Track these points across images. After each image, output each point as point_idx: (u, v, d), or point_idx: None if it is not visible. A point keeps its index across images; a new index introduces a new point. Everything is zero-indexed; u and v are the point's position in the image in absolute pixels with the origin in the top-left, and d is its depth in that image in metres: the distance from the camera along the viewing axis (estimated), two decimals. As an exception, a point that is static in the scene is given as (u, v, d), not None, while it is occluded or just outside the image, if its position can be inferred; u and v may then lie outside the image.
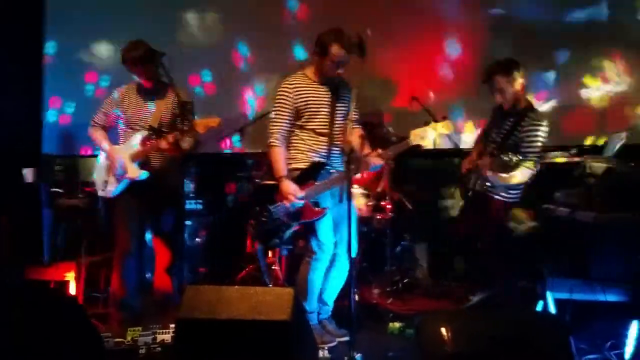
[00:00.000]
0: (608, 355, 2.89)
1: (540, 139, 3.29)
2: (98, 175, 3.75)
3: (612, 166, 2.98)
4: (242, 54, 5.47)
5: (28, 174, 4.45)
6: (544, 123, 3.31)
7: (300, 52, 5.25)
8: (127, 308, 3.68)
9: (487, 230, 3.50)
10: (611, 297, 2.93)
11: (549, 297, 3.06)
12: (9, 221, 4.10)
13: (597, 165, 2.99)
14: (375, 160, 3.18)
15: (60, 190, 4.40)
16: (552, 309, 3.06)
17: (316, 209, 3.21)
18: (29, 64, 5.66)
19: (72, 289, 4.02)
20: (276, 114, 3.30)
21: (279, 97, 3.30)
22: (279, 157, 3.26)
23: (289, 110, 3.28)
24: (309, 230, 3.28)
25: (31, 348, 2.53)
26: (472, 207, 3.54)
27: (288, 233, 3.29)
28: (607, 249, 2.93)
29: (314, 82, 3.31)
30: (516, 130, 3.31)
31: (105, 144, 3.72)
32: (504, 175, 3.27)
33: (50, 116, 5.84)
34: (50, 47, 5.81)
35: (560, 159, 3.81)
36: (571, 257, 3.02)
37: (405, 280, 4.51)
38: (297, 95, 3.27)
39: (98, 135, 3.77)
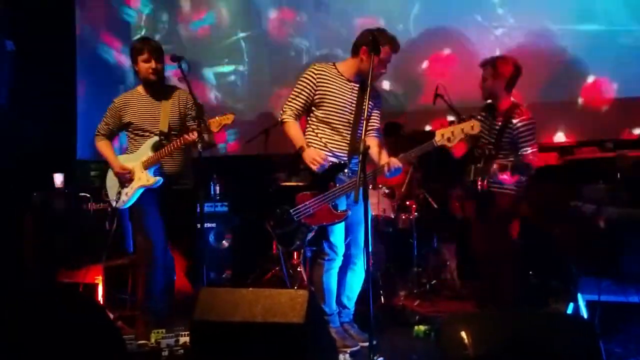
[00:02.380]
0: (644, 360, 2.74)
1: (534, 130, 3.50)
2: (110, 187, 3.71)
3: (643, 160, 2.82)
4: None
5: (57, 178, 4.54)
6: (532, 116, 3.53)
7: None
8: (153, 311, 3.69)
9: (497, 228, 3.54)
10: (646, 299, 2.78)
11: (580, 299, 2.92)
12: (35, 223, 4.19)
13: (626, 159, 2.84)
14: (393, 163, 3.10)
15: (87, 195, 4.47)
16: (584, 311, 2.92)
17: (336, 212, 3.15)
18: (63, 67, 5.78)
19: (100, 292, 4.09)
20: (294, 94, 3.29)
21: (301, 79, 3.29)
22: (296, 129, 3.26)
23: (308, 94, 3.26)
24: (321, 232, 3.23)
25: (53, 349, 2.57)
26: (479, 205, 3.62)
27: (309, 235, 3.23)
28: (637, 246, 2.77)
29: (342, 76, 3.27)
30: (508, 127, 3.49)
31: (112, 157, 3.67)
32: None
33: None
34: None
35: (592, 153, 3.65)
36: (602, 256, 2.88)
37: (432, 282, 4.41)
38: (319, 82, 3.24)
39: (103, 147, 3.73)
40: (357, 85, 3.28)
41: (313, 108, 3.31)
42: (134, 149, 3.67)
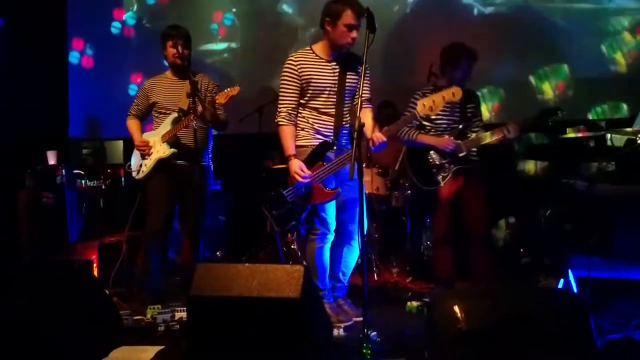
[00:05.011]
0: (633, 334, 2.79)
1: None
2: (135, 161, 3.90)
3: (634, 137, 2.85)
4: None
5: (51, 156, 4.52)
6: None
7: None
8: (150, 286, 3.74)
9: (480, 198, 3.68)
10: (635, 274, 2.82)
11: (570, 275, 2.96)
12: (30, 200, 4.18)
13: (618, 137, 2.87)
14: (377, 137, 3.05)
15: (81, 172, 4.47)
16: (574, 287, 2.97)
17: (327, 190, 3.16)
18: (54, 46, 5.71)
19: (95, 268, 4.11)
20: (282, 92, 3.25)
21: (284, 74, 3.24)
22: (288, 136, 3.23)
23: (295, 87, 3.23)
24: (312, 209, 3.24)
25: (50, 327, 2.59)
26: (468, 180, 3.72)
27: (304, 215, 3.26)
28: (629, 223, 2.81)
29: (321, 58, 3.23)
30: (469, 109, 3.74)
31: (135, 133, 3.89)
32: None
33: (72, 58, 5.89)
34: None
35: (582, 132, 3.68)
36: (594, 233, 2.91)
37: (425, 259, 4.46)
38: (301, 70, 3.21)
39: (132, 126, 3.94)
40: (336, 63, 3.24)
41: None
42: (157, 126, 3.85)
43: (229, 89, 3.54)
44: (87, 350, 2.66)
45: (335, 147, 3.23)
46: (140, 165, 3.80)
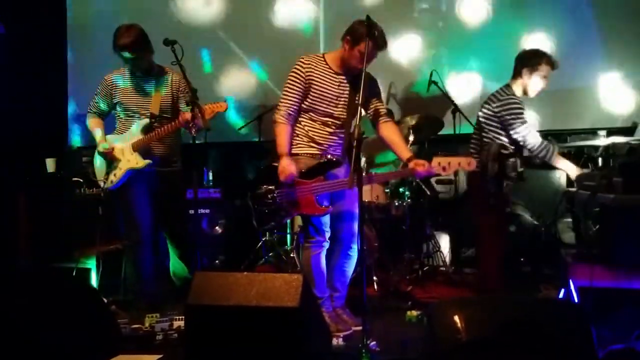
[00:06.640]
0: (634, 345, 2.76)
1: None
2: (98, 167, 3.66)
3: (636, 146, 2.84)
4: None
5: (50, 163, 4.50)
6: None
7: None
8: (146, 295, 3.70)
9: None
10: (637, 284, 2.80)
11: (571, 284, 2.94)
12: (28, 205, 4.16)
13: (620, 146, 2.86)
14: (422, 166, 2.97)
15: (80, 180, 4.45)
16: (575, 296, 2.95)
17: (319, 206, 3.13)
18: (53, 56, 5.74)
19: (93, 277, 4.08)
20: (285, 91, 3.21)
21: (291, 73, 3.21)
22: (283, 134, 3.16)
23: (299, 88, 3.18)
24: (306, 217, 3.23)
25: (48, 334, 2.57)
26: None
27: (286, 219, 3.23)
28: (631, 233, 2.79)
29: (330, 68, 3.21)
30: None
31: (98, 135, 3.63)
32: None
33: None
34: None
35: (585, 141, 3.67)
36: (595, 242, 2.89)
37: (425, 268, 4.44)
38: (307, 73, 3.18)
39: (92, 125, 3.69)
40: (345, 78, 3.21)
41: None
42: (124, 130, 3.62)
43: (215, 105, 3.32)
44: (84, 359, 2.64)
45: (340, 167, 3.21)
46: (108, 174, 3.57)
